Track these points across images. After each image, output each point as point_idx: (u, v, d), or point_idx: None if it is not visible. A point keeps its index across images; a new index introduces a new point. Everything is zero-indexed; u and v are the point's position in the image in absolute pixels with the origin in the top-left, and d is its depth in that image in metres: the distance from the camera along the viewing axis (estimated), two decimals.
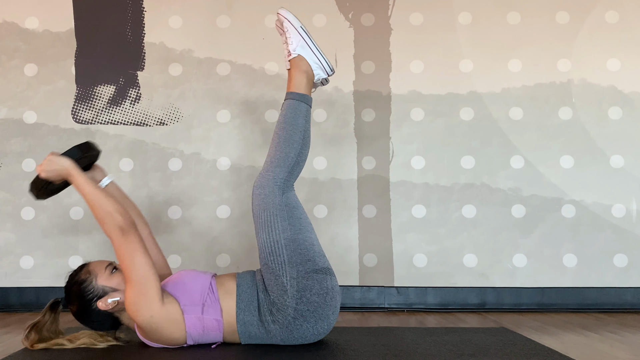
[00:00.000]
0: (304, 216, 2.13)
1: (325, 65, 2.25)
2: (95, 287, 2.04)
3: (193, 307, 2.02)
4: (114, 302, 2.03)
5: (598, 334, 2.41)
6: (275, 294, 2.02)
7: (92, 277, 2.05)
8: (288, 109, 2.17)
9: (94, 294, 2.03)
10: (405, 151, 3.13)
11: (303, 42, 2.24)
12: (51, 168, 2.06)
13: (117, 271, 2.08)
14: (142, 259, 1.97)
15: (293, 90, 2.20)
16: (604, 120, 3.12)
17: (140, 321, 1.98)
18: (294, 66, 2.23)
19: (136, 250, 1.97)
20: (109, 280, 2.05)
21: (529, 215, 3.09)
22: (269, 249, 2.06)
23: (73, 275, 2.09)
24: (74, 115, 3.13)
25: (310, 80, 2.24)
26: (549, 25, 3.14)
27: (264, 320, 2.03)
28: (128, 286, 1.98)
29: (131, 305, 1.97)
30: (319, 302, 2.03)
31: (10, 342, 2.26)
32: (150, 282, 1.97)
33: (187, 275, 2.10)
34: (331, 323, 2.08)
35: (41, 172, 2.08)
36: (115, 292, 2.03)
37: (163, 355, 1.98)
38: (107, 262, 2.10)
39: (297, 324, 2.02)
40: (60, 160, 2.06)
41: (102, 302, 2.02)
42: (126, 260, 1.97)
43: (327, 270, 2.08)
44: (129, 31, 3.16)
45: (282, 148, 2.13)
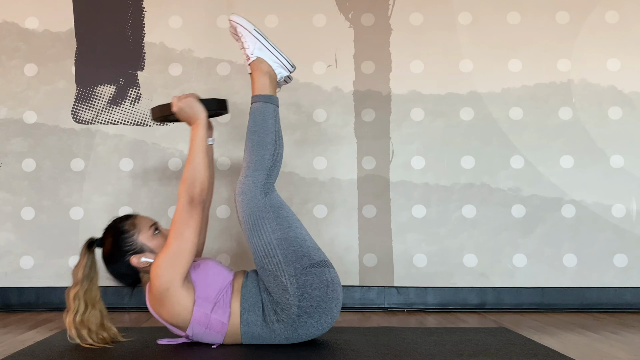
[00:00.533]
0: (291, 214, 2.14)
1: (285, 62, 2.25)
2: (135, 242, 2.07)
3: (205, 303, 2.02)
4: (146, 262, 2.05)
5: (598, 334, 2.41)
6: (277, 295, 2.03)
7: (136, 231, 2.08)
8: (256, 113, 2.18)
9: (132, 247, 2.06)
10: (405, 151, 3.13)
11: (259, 44, 2.24)
12: (186, 107, 2.12)
13: (159, 233, 2.11)
14: (191, 235, 2.00)
15: (258, 93, 2.21)
16: (604, 120, 3.12)
17: (157, 286, 1.98)
18: (255, 69, 2.24)
19: (190, 225, 2.00)
20: (149, 240, 2.08)
21: (529, 215, 3.09)
22: (262, 252, 2.06)
23: (117, 221, 2.11)
24: (74, 115, 3.13)
25: (273, 80, 2.24)
26: (549, 25, 3.14)
27: (268, 320, 2.04)
28: (164, 250, 2.00)
29: (157, 268, 1.98)
30: (321, 296, 2.03)
31: (10, 342, 2.26)
32: (184, 260, 1.99)
33: (212, 268, 2.11)
34: (335, 316, 2.08)
35: (175, 106, 2.13)
36: (151, 254, 2.06)
37: (163, 355, 1.98)
38: (152, 220, 2.13)
39: (302, 321, 2.02)
40: (198, 107, 2.12)
41: (135, 258, 2.05)
42: (178, 227, 2.00)
43: (324, 262, 2.08)
44: (129, 31, 3.16)
45: (256, 151, 2.14)
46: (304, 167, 3.11)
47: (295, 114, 3.13)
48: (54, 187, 3.11)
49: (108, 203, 3.10)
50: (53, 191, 3.10)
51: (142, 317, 2.79)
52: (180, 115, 2.14)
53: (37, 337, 2.34)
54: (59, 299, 3.01)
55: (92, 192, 3.11)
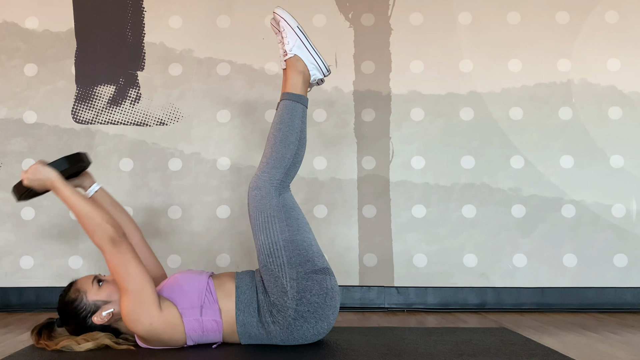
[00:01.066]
0: (302, 217, 2.12)
1: (321, 65, 2.24)
2: (87, 304, 2.03)
3: (191, 310, 2.01)
4: (109, 314, 2.02)
5: (598, 334, 2.41)
6: (275, 296, 2.02)
7: (82, 294, 2.04)
8: (284, 110, 2.16)
9: (87, 310, 2.03)
10: (405, 151, 3.13)
11: (300, 42, 2.22)
12: (35, 177, 2.05)
13: (103, 283, 2.06)
14: (135, 268, 1.96)
15: (289, 91, 2.19)
16: (604, 120, 3.12)
17: (140, 330, 1.97)
18: (290, 66, 2.22)
19: (129, 260, 1.96)
20: (98, 294, 2.04)
21: (529, 215, 3.09)
22: (267, 251, 2.05)
23: (63, 296, 2.07)
24: (74, 115, 3.13)
25: (306, 81, 2.23)
26: (549, 25, 3.14)
27: (264, 321, 2.03)
28: (124, 297, 1.97)
29: (129, 315, 1.96)
30: (319, 302, 2.02)
31: (10, 342, 2.26)
32: (146, 290, 1.96)
33: (182, 278, 2.09)
34: (331, 323, 2.08)
35: (25, 179, 2.07)
36: (108, 304, 2.03)
37: (163, 355, 1.98)
38: (91, 276, 2.08)
39: (298, 324, 2.02)
40: (46, 171, 2.05)
41: (97, 317, 2.02)
42: (120, 270, 1.95)
43: (326, 270, 2.08)
44: (129, 31, 3.16)
45: (278, 149, 2.12)
46: (304, 167, 3.10)
47: None
48: None
49: None
50: None
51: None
52: (35, 186, 2.07)
53: None
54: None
55: None
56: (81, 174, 2.28)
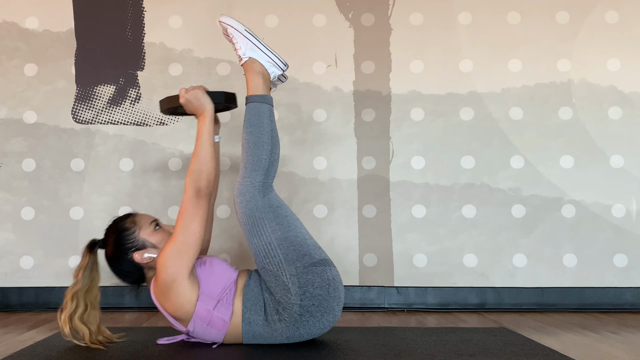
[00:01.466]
0: (290, 213, 2.14)
1: (277, 61, 2.25)
2: (137, 239, 2.08)
3: (208, 299, 2.02)
4: (150, 257, 2.06)
5: (598, 334, 2.41)
6: (279, 294, 2.03)
7: (136, 227, 2.09)
8: (251, 113, 2.18)
9: (134, 244, 2.07)
10: (405, 151, 3.13)
11: (250, 44, 2.23)
12: (193, 99, 2.12)
13: (160, 229, 2.12)
14: (198, 227, 2.01)
15: (252, 93, 2.21)
16: (604, 120, 3.12)
17: (163, 277, 1.99)
18: (248, 69, 2.24)
19: (197, 217, 2.01)
20: (151, 235, 2.08)
21: (529, 215, 3.09)
22: (263, 253, 2.06)
23: (117, 221, 2.12)
24: (74, 115, 3.13)
25: (267, 80, 2.24)
26: (549, 25, 3.14)
27: (270, 320, 2.04)
28: (170, 241, 2.00)
29: (164, 258, 1.98)
30: (322, 295, 2.03)
31: (10, 342, 2.26)
32: (190, 252, 2.00)
33: (218, 265, 2.11)
34: (337, 315, 2.08)
35: (182, 97, 2.13)
36: (153, 249, 2.07)
37: (163, 355, 1.98)
38: (152, 217, 2.14)
39: (304, 319, 2.02)
40: (205, 100, 2.12)
41: (138, 255, 2.05)
42: (185, 218, 2.00)
43: (325, 261, 2.08)
44: (129, 31, 3.16)
45: (252, 152, 2.14)
46: (304, 167, 3.10)
47: (295, 114, 3.13)
48: (54, 187, 3.11)
49: (108, 203, 3.10)
50: (53, 191, 3.10)
51: (142, 317, 2.80)
52: (187, 107, 2.15)
53: (37, 337, 2.34)
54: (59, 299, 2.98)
55: (92, 192, 3.11)
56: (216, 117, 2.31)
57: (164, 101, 2.25)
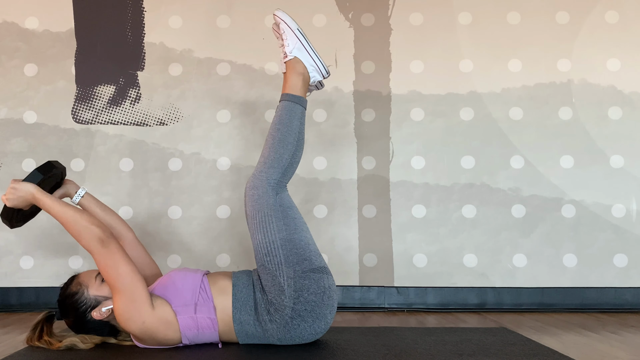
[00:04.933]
0: (299, 216, 2.13)
1: (321, 67, 2.25)
2: (88, 298, 2.04)
3: (185, 308, 2.01)
4: (108, 310, 2.03)
5: (598, 334, 2.41)
6: (273, 294, 2.02)
7: (84, 288, 2.05)
8: (283, 111, 2.17)
9: (87, 304, 2.04)
10: (405, 151, 3.13)
11: (300, 44, 2.23)
12: (15, 196, 2.05)
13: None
14: (126, 267, 1.97)
15: (289, 92, 2.20)
16: (604, 120, 3.12)
17: (134, 329, 1.98)
18: (290, 68, 2.23)
19: (119, 260, 1.96)
20: (100, 290, 2.05)
21: (529, 215, 3.09)
22: (265, 250, 2.06)
23: (64, 288, 2.08)
24: (74, 115, 3.13)
25: (306, 83, 2.24)
26: (549, 25, 3.14)
27: (261, 320, 2.03)
28: (116, 296, 1.98)
29: (122, 314, 1.97)
30: (316, 301, 2.03)
31: (10, 342, 2.26)
32: (137, 289, 1.97)
33: (176, 276, 2.09)
34: (328, 322, 2.08)
35: (6, 201, 2.07)
36: (108, 300, 2.04)
37: (163, 355, 1.98)
38: (95, 271, 2.10)
39: (295, 323, 2.02)
40: (23, 186, 2.05)
41: (96, 312, 2.02)
42: (110, 270, 1.96)
43: (324, 269, 2.08)
44: (129, 31, 3.16)
45: (276, 149, 2.13)
46: (304, 167, 3.10)
47: None
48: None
49: (108, 203, 3.08)
50: None
51: None
52: (19, 204, 2.07)
53: None
54: None
55: (92, 192, 3.09)
56: (63, 182, 2.27)
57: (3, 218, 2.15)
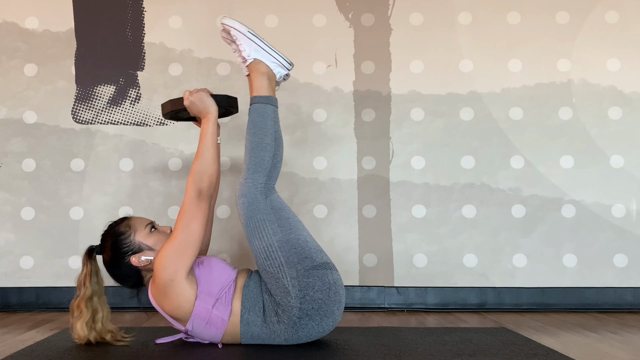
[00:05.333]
0: (292, 215, 2.13)
1: (282, 61, 2.25)
2: (132, 242, 2.08)
3: (207, 298, 2.02)
4: (147, 260, 2.06)
5: (598, 334, 2.41)
6: (279, 296, 2.02)
7: (132, 231, 2.09)
8: (255, 114, 2.18)
9: (130, 247, 2.07)
10: (405, 151, 3.13)
11: (255, 45, 2.23)
12: (198, 101, 2.13)
13: (155, 231, 2.11)
14: (198, 228, 2.01)
15: (256, 94, 2.20)
16: (604, 120, 3.12)
17: (161, 277, 1.98)
18: (253, 70, 2.23)
19: (198, 218, 2.01)
20: (146, 238, 2.08)
21: (529, 215, 3.09)
22: (264, 255, 2.06)
23: (113, 225, 2.13)
24: (74, 115, 3.13)
25: (272, 81, 2.24)
26: (549, 25, 3.14)
27: (268, 321, 2.03)
28: (170, 241, 2.00)
29: (163, 258, 1.98)
30: (322, 298, 2.03)
31: (10, 342, 2.26)
32: (189, 252, 2.00)
33: (216, 265, 2.11)
34: (336, 319, 2.08)
35: (187, 100, 2.14)
36: (150, 251, 2.07)
37: (163, 355, 1.98)
38: (148, 220, 2.14)
39: (303, 323, 2.02)
40: (209, 102, 2.14)
41: (135, 258, 2.06)
42: (185, 218, 2.01)
43: (327, 264, 2.08)
44: (129, 31, 3.16)
45: (255, 153, 2.14)
46: (304, 167, 3.10)
47: (295, 114, 3.13)
48: (54, 187, 3.11)
49: (108, 203, 3.10)
50: (53, 191, 3.10)
51: (142, 317, 2.79)
52: (191, 109, 2.15)
53: (37, 337, 2.34)
54: (59, 299, 3.01)
55: (92, 192, 3.11)
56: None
57: (167, 104, 2.25)
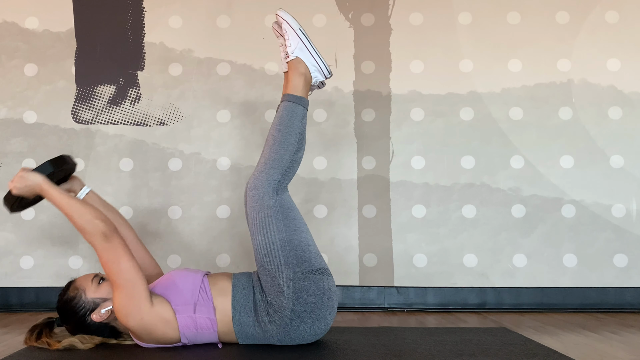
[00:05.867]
0: (299, 217, 2.13)
1: (323, 68, 2.24)
2: (86, 301, 2.05)
3: (185, 307, 2.01)
4: (108, 311, 2.04)
5: (598, 334, 2.41)
6: (272, 295, 2.02)
7: (81, 292, 2.06)
8: (284, 111, 2.16)
9: (86, 308, 2.04)
10: (405, 151, 3.13)
11: (302, 44, 2.22)
12: (22, 184, 2.06)
13: (103, 281, 2.08)
14: (127, 262, 1.97)
15: (290, 92, 2.19)
16: (604, 120, 3.12)
17: (132, 325, 1.99)
18: (292, 68, 2.22)
19: (121, 255, 1.97)
20: (97, 292, 2.06)
21: (529, 215, 3.09)
22: (265, 251, 2.06)
23: (62, 294, 2.09)
24: (74, 115, 3.13)
25: (307, 83, 2.23)
26: (549, 25, 3.14)
27: (260, 321, 2.03)
28: (116, 291, 1.98)
29: (121, 310, 1.97)
30: (315, 302, 2.02)
31: (10, 342, 2.26)
32: (137, 285, 1.97)
33: (177, 275, 2.10)
34: (328, 323, 2.08)
35: (13, 188, 2.08)
36: (107, 302, 2.04)
37: (163, 355, 1.98)
38: (92, 274, 2.11)
39: (294, 325, 2.02)
40: (32, 176, 2.06)
41: (95, 314, 2.03)
42: (112, 265, 1.96)
43: (324, 270, 2.08)
44: (129, 31, 3.16)
45: (276, 150, 2.13)
46: (304, 167, 3.10)
47: None
48: None
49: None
50: None
51: None
52: (24, 193, 2.08)
53: None
54: None
55: None
56: (70, 178, 2.28)
57: (5, 202, 2.17)
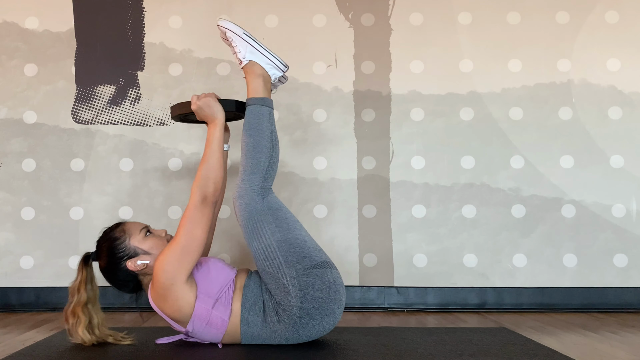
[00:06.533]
0: (290, 215, 2.14)
1: (278, 63, 2.26)
2: (128, 247, 2.07)
3: (207, 298, 2.02)
4: (143, 264, 2.05)
5: (598, 334, 2.41)
6: (279, 296, 2.02)
7: (126, 236, 2.09)
8: (250, 115, 2.19)
9: (125, 252, 2.07)
10: (405, 151, 3.13)
11: (250, 47, 2.24)
12: (205, 106, 2.15)
13: (150, 235, 2.11)
14: (201, 234, 2.01)
15: (252, 96, 2.22)
16: (604, 120, 3.12)
17: (160, 281, 1.98)
18: (248, 72, 2.24)
19: (201, 224, 2.01)
20: (142, 242, 2.08)
21: (529, 215, 3.09)
22: (263, 255, 2.06)
23: (107, 231, 2.12)
24: (74, 115, 3.13)
25: (267, 82, 2.25)
26: (549, 25, 3.14)
27: (269, 321, 2.04)
28: (171, 245, 1.99)
29: (163, 261, 1.98)
30: (322, 297, 2.03)
31: (10, 342, 2.26)
32: (191, 257, 1.99)
33: (214, 265, 2.11)
34: (337, 317, 2.08)
35: (194, 105, 2.15)
36: (146, 255, 2.07)
37: (163, 355, 1.98)
38: (143, 224, 2.14)
39: (304, 322, 2.02)
40: (216, 107, 2.15)
41: (131, 262, 2.05)
42: (189, 224, 2.00)
43: (326, 263, 2.08)
44: (129, 31, 3.16)
45: (252, 155, 2.15)
46: (304, 167, 3.11)
47: (295, 114, 3.13)
48: (54, 187, 3.11)
49: (108, 203, 3.10)
50: (53, 191, 3.10)
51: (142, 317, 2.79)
52: (198, 114, 2.17)
53: (37, 337, 2.34)
54: (58, 299, 3.01)
55: (92, 192, 3.11)
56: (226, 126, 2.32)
57: (175, 107, 2.26)
